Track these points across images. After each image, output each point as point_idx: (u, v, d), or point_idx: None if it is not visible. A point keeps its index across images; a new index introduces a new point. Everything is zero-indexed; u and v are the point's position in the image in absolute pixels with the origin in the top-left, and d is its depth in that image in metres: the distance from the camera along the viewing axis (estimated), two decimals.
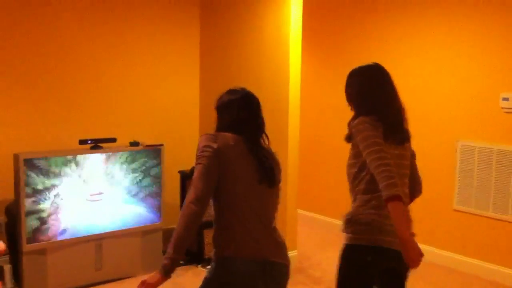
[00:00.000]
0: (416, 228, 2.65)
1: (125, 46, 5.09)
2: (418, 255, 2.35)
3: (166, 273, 2.27)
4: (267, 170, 2.31)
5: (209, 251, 4.78)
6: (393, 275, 2.64)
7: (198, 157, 2.26)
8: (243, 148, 2.30)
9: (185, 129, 5.58)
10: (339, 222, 2.68)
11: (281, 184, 2.49)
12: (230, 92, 2.50)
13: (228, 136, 2.31)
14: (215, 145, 2.24)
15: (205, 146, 2.25)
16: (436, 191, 4.85)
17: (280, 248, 2.37)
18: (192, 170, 4.82)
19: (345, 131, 2.68)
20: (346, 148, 2.63)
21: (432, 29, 4.89)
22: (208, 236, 4.77)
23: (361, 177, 2.54)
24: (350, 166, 2.63)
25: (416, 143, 2.74)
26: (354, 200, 2.61)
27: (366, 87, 2.66)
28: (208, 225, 4.80)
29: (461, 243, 4.77)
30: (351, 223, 2.54)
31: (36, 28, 4.56)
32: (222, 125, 2.42)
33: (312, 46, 5.93)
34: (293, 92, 4.60)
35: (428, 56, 4.92)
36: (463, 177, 4.71)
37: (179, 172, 5.01)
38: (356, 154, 2.56)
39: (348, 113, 2.70)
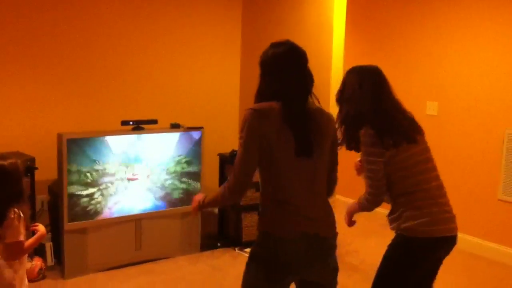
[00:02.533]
0: (459, 217, 2.62)
1: (168, 30, 5.10)
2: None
3: (200, 207, 2.52)
4: (303, 139, 2.18)
5: (247, 234, 4.79)
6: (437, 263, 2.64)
7: (240, 135, 2.20)
8: (283, 118, 2.18)
9: (225, 112, 5.57)
10: (378, 209, 2.69)
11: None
12: (273, 45, 2.35)
13: (271, 107, 2.19)
14: (257, 124, 2.16)
15: (247, 127, 2.17)
16: (481, 181, 4.72)
17: (325, 220, 2.28)
18: (231, 154, 4.84)
19: None
20: None
21: (482, 17, 4.72)
22: (246, 219, 4.77)
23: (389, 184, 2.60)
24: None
25: (463, 132, 2.66)
26: (391, 202, 2.67)
27: (366, 92, 2.62)
28: (246, 208, 4.84)
29: (505, 234, 4.64)
30: (402, 219, 2.56)
31: (79, 11, 4.61)
32: (264, 91, 2.29)
33: (356, 35, 5.82)
34: (336, 81, 4.53)
35: (477, 44, 4.77)
36: (510, 167, 4.57)
37: (219, 155, 5.01)
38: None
39: None
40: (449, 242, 2.55)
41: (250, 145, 2.16)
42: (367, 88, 2.61)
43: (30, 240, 2.63)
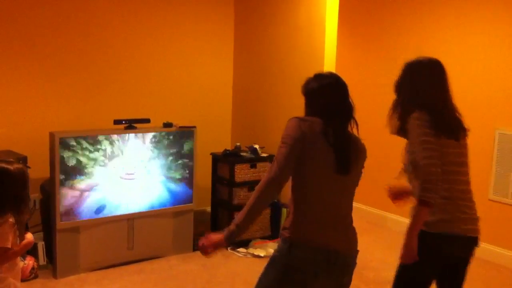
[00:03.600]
0: None
1: (161, 29, 5.10)
2: (411, 257, 2.46)
3: (229, 237, 2.33)
4: (343, 158, 2.29)
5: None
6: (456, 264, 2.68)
7: (284, 138, 2.28)
8: (325, 134, 2.29)
9: (218, 111, 5.58)
10: (371, 209, 2.69)
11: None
12: (319, 77, 2.45)
13: (316, 121, 2.30)
14: (301, 130, 2.25)
15: (292, 130, 2.26)
16: (472, 181, 4.73)
17: (349, 237, 2.38)
18: (224, 153, 4.85)
19: (381, 121, 2.66)
20: (381, 138, 2.62)
21: (472, 16, 4.75)
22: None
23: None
24: (406, 160, 2.65)
25: None
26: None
27: (423, 82, 2.64)
28: (238, 208, 4.83)
29: (496, 234, 4.67)
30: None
31: (72, 10, 4.60)
32: (310, 112, 2.39)
33: (348, 33, 5.83)
34: None
35: (468, 43, 4.79)
36: (500, 167, 4.60)
37: (211, 154, 5.02)
38: (412, 152, 2.57)
39: (386, 100, 2.65)
40: (465, 242, 2.58)
41: (294, 146, 2.24)
42: (424, 77, 2.65)
43: (16, 248, 2.60)
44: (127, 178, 4.30)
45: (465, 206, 2.60)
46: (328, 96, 2.38)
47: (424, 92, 2.61)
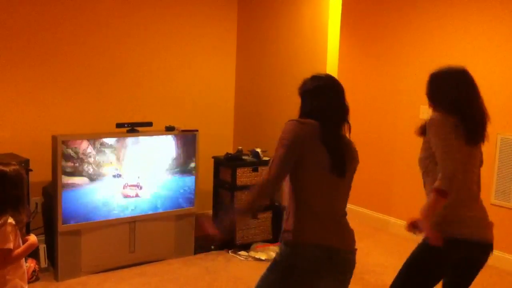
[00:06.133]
0: None
1: (163, 32, 5.11)
2: (435, 239, 2.52)
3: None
4: (338, 160, 2.32)
5: (240, 237, 4.79)
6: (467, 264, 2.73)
7: (281, 140, 2.31)
8: (319, 133, 2.32)
9: (220, 115, 5.59)
10: (372, 213, 2.72)
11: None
12: (315, 78, 2.48)
13: (313, 124, 2.33)
14: (300, 133, 2.29)
15: (291, 132, 2.30)
16: None
17: (347, 236, 2.40)
18: (226, 157, 4.85)
19: (377, 121, 2.70)
20: (381, 140, 2.63)
21: (474, 19, 4.76)
22: (240, 222, 4.78)
23: (433, 171, 2.57)
24: (422, 160, 2.68)
25: None
26: (428, 194, 2.63)
27: (452, 90, 2.70)
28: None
29: (498, 238, 4.65)
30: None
31: (75, 13, 4.62)
32: (305, 112, 2.42)
33: (351, 35, 5.84)
34: None
35: (471, 47, 4.80)
36: (502, 171, 4.59)
37: (213, 157, 5.02)
38: (427, 148, 2.60)
39: (387, 103, 2.67)
40: (473, 246, 2.63)
41: (292, 148, 2.28)
42: (453, 85, 2.73)
43: (19, 250, 2.61)
44: (133, 185, 4.30)
45: (475, 209, 2.65)
46: (323, 98, 2.40)
47: (455, 99, 2.66)
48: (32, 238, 2.71)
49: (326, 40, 4.58)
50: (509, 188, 4.57)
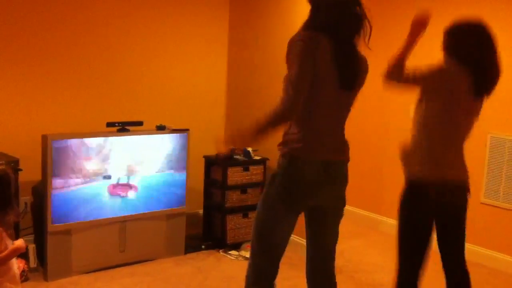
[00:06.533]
0: None
1: (153, 31, 5.09)
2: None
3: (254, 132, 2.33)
4: (348, 75, 2.32)
5: (231, 236, 4.79)
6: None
7: (291, 58, 2.25)
8: (331, 50, 2.26)
9: (212, 114, 5.57)
10: (364, 212, 2.75)
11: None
12: None
13: (321, 38, 2.26)
14: (310, 47, 2.23)
15: (301, 48, 2.23)
16: None
17: (341, 147, 2.46)
18: (216, 156, 4.84)
19: (368, 121, 2.77)
20: (372, 139, 2.65)
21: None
22: (231, 221, 4.78)
23: None
24: None
25: None
26: None
27: (472, 46, 2.76)
28: (231, 211, 4.84)
29: (488, 237, 4.69)
30: None
31: (64, 11, 4.59)
32: (318, 21, 2.34)
33: None
34: None
35: None
36: (492, 170, 4.62)
37: (204, 157, 5.01)
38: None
39: (378, 102, 2.68)
40: (448, 188, 2.70)
41: (305, 63, 2.22)
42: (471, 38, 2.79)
43: (3, 254, 2.59)
44: (124, 186, 4.29)
45: (448, 156, 2.73)
46: (337, 7, 2.32)
47: (470, 53, 2.73)
48: (18, 242, 2.69)
49: None
50: (499, 187, 4.59)
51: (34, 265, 4.19)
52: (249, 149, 4.93)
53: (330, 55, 2.24)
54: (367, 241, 5.19)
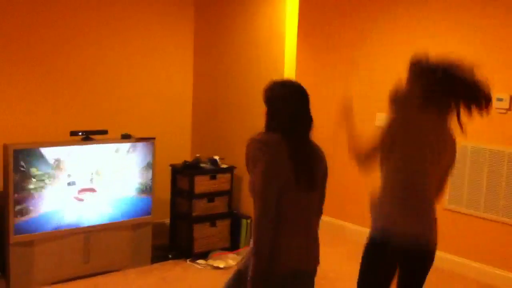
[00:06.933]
0: None
1: (118, 39, 5.04)
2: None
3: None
4: (306, 175, 2.27)
5: (198, 245, 4.76)
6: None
7: (252, 164, 2.24)
8: (286, 151, 2.25)
9: (177, 122, 5.54)
10: (333, 220, 2.75)
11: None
12: (284, 84, 2.43)
13: (277, 141, 2.26)
14: (266, 157, 2.21)
15: (259, 155, 2.22)
16: None
17: (311, 256, 2.39)
18: (183, 164, 4.81)
19: (341, 129, 2.78)
20: (339, 145, 2.66)
21: (427, 26, 4.86)
22: (198, 230, 4.75)
23: None
24: None
25: None
26: None
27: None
28: (198, 220, 4.80)
29: (451, 243, 4.76)
30: None
31: (28, 18, 4.51)
32: (274, 121, 2.34)
33: (308, 42, 5.89)
34: None
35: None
36: (455, 177, 4.70)
37: (170, 165, 4.97)
38: None
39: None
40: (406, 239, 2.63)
41: (270, 172, 2.20)
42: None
43: None
44: (87, 190, 4.22)
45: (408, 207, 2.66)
46: (292, 105, 2.33)
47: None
48: None
49: (284, 46, 4.61)
50: (462, 193, 4.67)
51: None
52: (216, 157, 4.92)
53: (288, 157, 2.24)
54: (333, 248, 5.20)
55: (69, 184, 4.13)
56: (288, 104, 2.33)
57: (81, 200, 4.20)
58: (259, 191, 2.19)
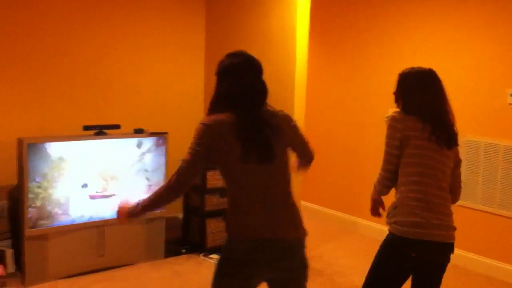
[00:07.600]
0: None
1: (131, 34, 5.07)
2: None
3: (130, 215, 2.44)
4: (258, 150, 2.24)
5: (211, 240, 4.78)
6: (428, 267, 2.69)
7: (191, 145, 2.31)
8: (236, 129, 2.24)
9: (190, 117, 5.54)
10: (342, 215, 2.73)
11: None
12: (230, 55, 2.41)
13: (223, 120, 2.26)
14: (206, 139, 2.25)
15: (199, 137, 2.27)
16: None
17: (283, 224, 2.32)
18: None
19: (354, 125, 2.76)
20: (351, 142, 2.65)
21: (441, 23, 4.84)
22: (211, 225, 4.77)
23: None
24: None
25: None
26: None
27: (415, 90, 2.79)
28: (211, 214, 4.82)
29: (465, 239, 4.74)
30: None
31: (41, 14, 4.54)
32: (220, 95, 2.34)
33: (320, 40, 5.88)
34: (299, 86, 4.57)
35: (436, 50, 4.87)
36: (468, 173, 4.67)
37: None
38: None
39: (356, 106, 2.70)
40: (429, 246, 2.58)
41: (197, 156, 2.28)
42: (415, 86, 2.81)
43: None
44: (100, 195, 4.25)
45: (438, 211, 2.62)
46: (240, 78, 2.32)
47: (418, 99, 2.74)
48: None
49: (295, 43, 4.60)
50: (475, 190, 4.65)
51: (12, 270, 4.14)
52: None
53: (236, 136, 2.23)
54: (345, 243, 5.20)
55: (82, 179, 4.16)
56: (234, 78, 2.32)
57: (95, 197, 4.23)
58: (182, 166, 2.34)
